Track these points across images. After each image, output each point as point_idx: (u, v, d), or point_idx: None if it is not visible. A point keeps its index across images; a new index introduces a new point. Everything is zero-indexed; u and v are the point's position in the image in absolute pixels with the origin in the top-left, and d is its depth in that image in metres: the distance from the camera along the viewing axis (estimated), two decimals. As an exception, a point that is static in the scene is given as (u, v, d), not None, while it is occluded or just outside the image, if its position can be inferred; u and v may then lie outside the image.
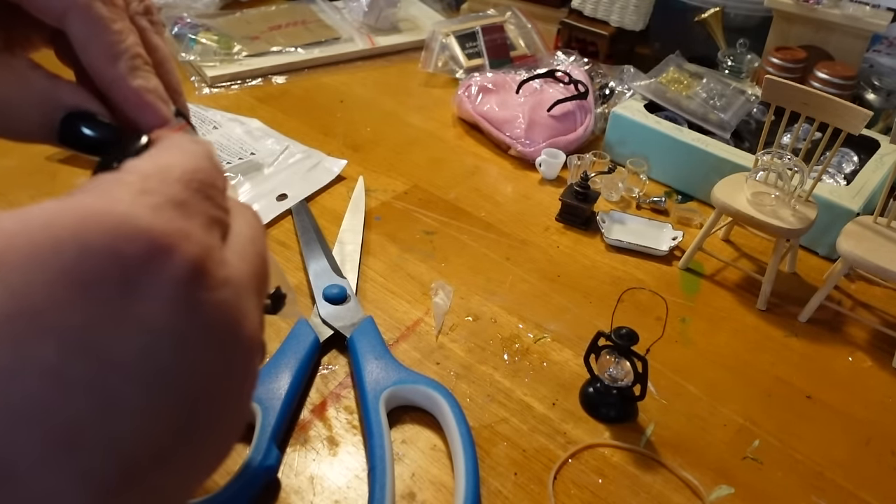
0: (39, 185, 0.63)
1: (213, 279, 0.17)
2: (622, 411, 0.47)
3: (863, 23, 0.78)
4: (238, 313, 0.18)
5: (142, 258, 0.15)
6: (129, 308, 0.15)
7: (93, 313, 0.14)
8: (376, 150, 0.74)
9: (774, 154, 0.56)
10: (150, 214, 0.16)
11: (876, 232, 0.55)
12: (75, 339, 0.14)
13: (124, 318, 0.15)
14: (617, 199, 0.70)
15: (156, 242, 0.15)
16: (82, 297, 0.14)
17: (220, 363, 0.17)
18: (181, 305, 0.16)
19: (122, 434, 0.14)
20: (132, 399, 0.15)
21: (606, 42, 0.91)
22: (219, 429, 0.17)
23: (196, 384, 0.16)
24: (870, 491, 0.44)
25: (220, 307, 0.17)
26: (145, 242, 0.15)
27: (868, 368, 0.53)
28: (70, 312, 0.14)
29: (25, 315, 0.13)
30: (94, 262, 0.14)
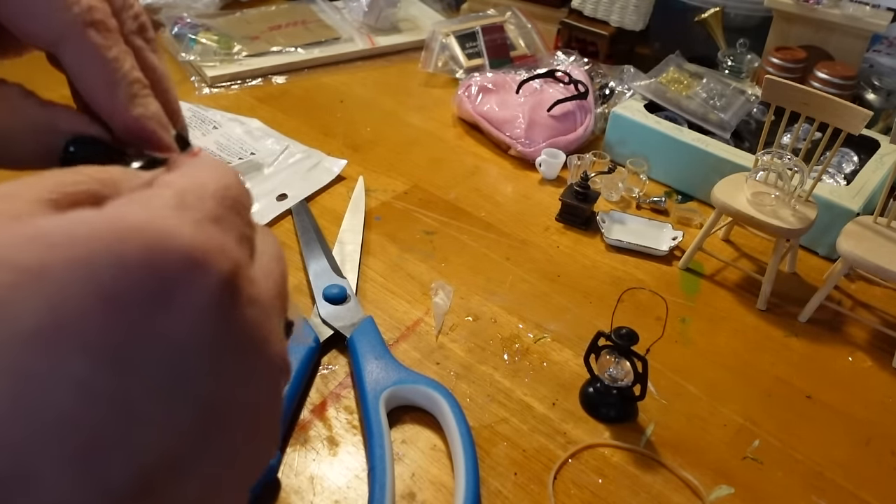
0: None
1: (243, 295, 0.17)
2: (622, 411, 0.47)
3: (863, 23, 0.78)
4: (265, 331, 0.18)
5: (178, 272, 0.15)
6: (161, 323, 0.15)
7: (125, 329, 0.14)
8: (376, 150, 0.75)
9: (774, 154, 0.56)
10: (190, 229, 0.16)
11: (876, 232, 0.55)
12: (106, 354, 0.14)
13: (155, 332, 0.15)
14: (617, 199, 0.70)
15: (193, 256, 0.16)
16: (117, 313, 0.14)
17: (246, 381, 0.17)
18: (212, 320, 0.16)
19: (143, 447, 0.14)
20: (155, 413, 0.15)
21: (606, 42, 0.91)
22: (245, 448, 0.18)
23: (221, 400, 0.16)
24: (870, 491, 0.44)
25: (249, 324, 0.17)
26: (183, 256, 0.15)
27: (868, 368, 0.53)
28: (103, 328, 0.14)
29: (61, 329, 0.14)
30: (130, 278, 0.14)
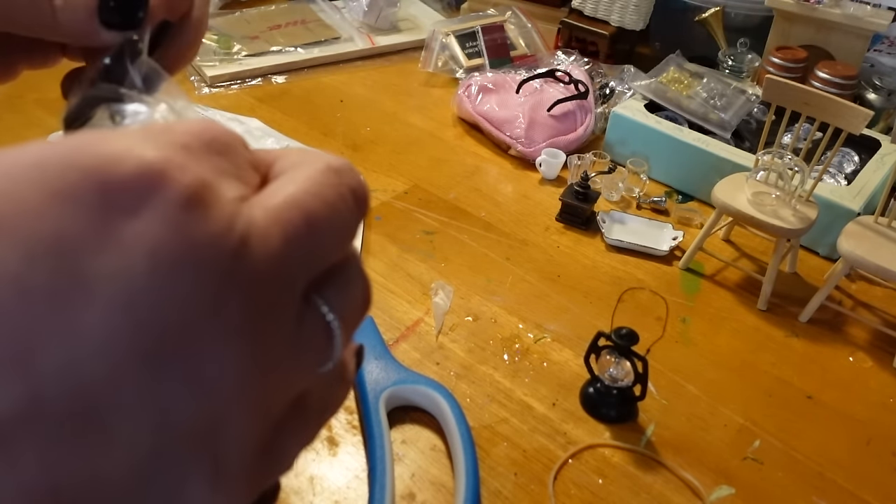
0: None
1: (213, 214, 0.15)
2: (622, 411, 0.47)
3: (863, 22, 0.78)
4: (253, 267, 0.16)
5: (130, 179, 0.14)
6: (109, 226, 0.14)
7: (67, 225, 0.14)
8: (376, 150, 0.74)
9: (775, 154, 0.56)
10: (149, 146, 0.15)
11: (877, 232, 0.55)
12: (44, 248, 0.13)
13: (102, 235, 0.14)
14: (617, 199, 0.70)
15: (148, 167, 0.15)
16: (59, 207, 0.14)
17: (201, 305, 0.15)
18: (169, 231, 0.14)
19: (77, 356, 0.14)
20: (94, 319, 0.14)
21: (607, 42, 0.91)
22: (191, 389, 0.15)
23: (168, 321, 0.14)
24: (870, 491, 0.44)
25: (220, 248, 0.15)
26: (135, 165, 0.15)
27: (869, 369, 0.53)
28: (43, 221, 0.13)
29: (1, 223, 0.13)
30: (76, 177, 0.14)
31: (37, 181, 0.14)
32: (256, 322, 0.16)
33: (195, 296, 0.15)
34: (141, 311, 0.14)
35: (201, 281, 0.15)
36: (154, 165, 0.15)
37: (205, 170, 0.16)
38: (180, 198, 0.15)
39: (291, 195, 0.17)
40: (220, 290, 0.15)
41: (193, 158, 0.16)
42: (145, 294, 0.14)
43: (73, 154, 0.14)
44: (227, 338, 0.15)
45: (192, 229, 0.15)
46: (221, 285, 0.15)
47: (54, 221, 0.13)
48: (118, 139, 0.15)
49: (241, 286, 0.15)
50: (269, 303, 0.16)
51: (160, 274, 0.14)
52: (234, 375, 0.15)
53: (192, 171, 0.15)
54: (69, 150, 0.14)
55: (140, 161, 0.15)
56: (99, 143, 0.15)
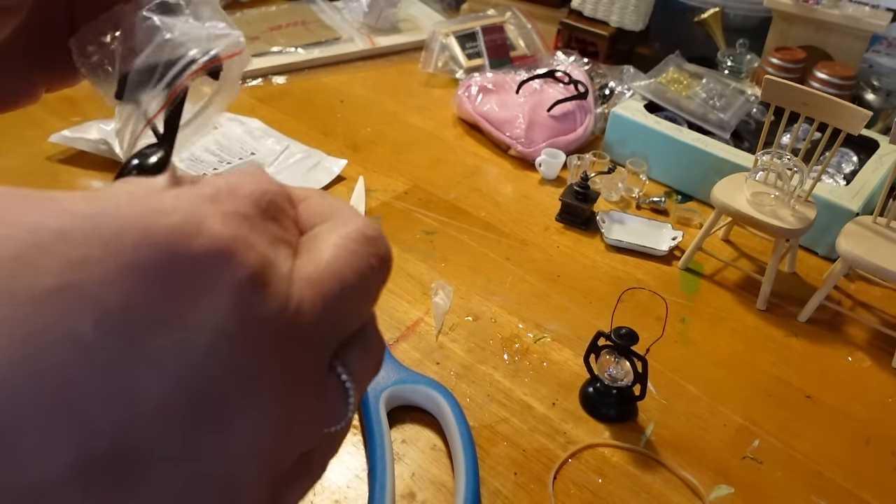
0: (39, 185, 0.63)
1: (272, 291, 0.16)
2: (622, 411, 0.47)
3: (862, 23, 0.78)
4: (310, 345, 0.17)
5: (202, 257, 0.15)
6: (176, 302, 0.15)
7: (136, 298, 0.14)
8: (376, 150, 0.75)
9: (774, 154, 0.56)
10: (218, 220, 0.16)
11: (875, 232, 0.55)
12: (113, 318, 0.14)
13: (168, 310, 0.15)
14: (617, 199, 0.70)
15: (218, 245, 0.16)
16: (130, 280, 0.14)
17: (249, 373, 0.16)
18: (233, 311, 0.15)
19: (131, 417, 0.14)
20: (151, 386, 0.14)
21: (606, 42, 0.91)
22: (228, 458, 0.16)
23: (218, 387, 0.16)
24: (869, 490, 0.44)
25: (274, 322, 0.16)
26: (208, 242, 0.15)
27: (867, 368, 0.54)
28: (115, 292, 0.14)
29: (75, 287, 0.14)
30: (151, 251, 0.15)
31: (112, 252, 0.14)
32: (290, 386, 0.17)
33: (245, 365, 0.16)
34: (196, 380, 0.15)
35: (253, 352, 0.16)
36: (222, 244, 0.16)
37: (265, 243, 0.17)
38: (245, 279, 0.16)
39: (331, 266, 0.18)
40: (267, 359, 0.16)
41: (256, 232, 0.17)
42: (202, 367, 0.15)
43: (149, 223, 0.15)
44: (263, 400, 0.16)
45: (253, 308, 0.16)
46: (268, 355, 0.16)
47: (125, 294, 0.14)
48: (190, 206, 0.16)
49: (283, 354, 0.16)
50: (303, 369, 0.17)
51: (218, 348, 0.15)
52: (262, 434, 0.16)
53: (256, 250, 0.16)
54: (145, 216, 0.15)
55: (210, 239, 0.15)
56: (171, 212, 0.15)
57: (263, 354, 0.16)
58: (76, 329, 0.14)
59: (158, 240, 0.15)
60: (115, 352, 0.14)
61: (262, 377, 0.16)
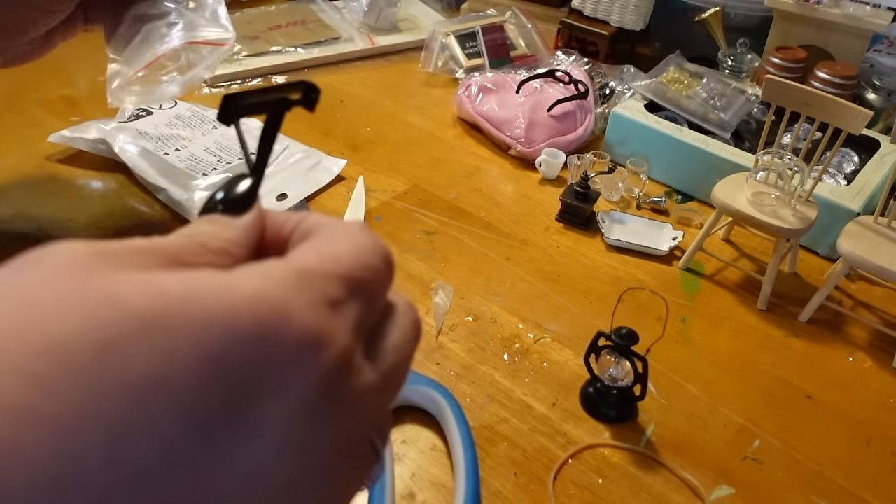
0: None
1: (349, 386, 0.17)
2: (622, 411, 0.47)
3: (863, 22, 0.78)
4: (365, 423, 0.18)
5: (288, 354, 0.15)
6: (259, 402, 0.15)
7: (223, 401, 0.14)
8: (376, 150, 0.74)
9: (775, 154, 0.56)
10: (305, 310, 0.16)
11: (876, 232, 0.55)
12: (199, 422, 0.14)
13: (250, 411, 0.15)
14: (617, 199, 0.70)
15: (305, 340, 0.15)
16: (220, 382, 0.14)
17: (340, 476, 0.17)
18: (312, 408, 0.16)
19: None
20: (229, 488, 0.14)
21: (606, 42, 0.91)
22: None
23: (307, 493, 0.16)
24: (870, 491, 0.44)
25: (349, 416, 0.17)
26: (295, 338, 0.15)
27: (868, 368, 0.53)
28: (203, 394, 0.14)
29: (163, 386, 0.14)
30: (239, 352, 0.14)
31: (203, 347, 0.14)
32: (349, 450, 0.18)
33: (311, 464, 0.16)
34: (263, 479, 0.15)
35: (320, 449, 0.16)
36: (310, 339, 0.16)
37: (347, 330, 0.17)
38: (324, 379, 0.16)
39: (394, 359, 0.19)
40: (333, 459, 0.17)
41: (341, 317, 0.17)
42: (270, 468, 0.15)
43: (237, 317, 0.15)
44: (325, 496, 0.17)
45: (328, 406, 0.16)
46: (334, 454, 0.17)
47: (214, 396, 0.14)
48: (278, 294, 0.16)
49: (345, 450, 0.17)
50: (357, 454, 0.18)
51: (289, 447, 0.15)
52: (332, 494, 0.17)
53: (340, 343, 0.16)
54: (233, 308, 0.15)
55: (299, 335, 0.15)
56: (261, 298, 0.15)
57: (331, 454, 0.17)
58: (160, 426, 0.13)
59: (246, 336, 0.15)
60: (194, 450, 0.14)
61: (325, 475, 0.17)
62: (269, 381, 0.15)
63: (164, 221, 0.61)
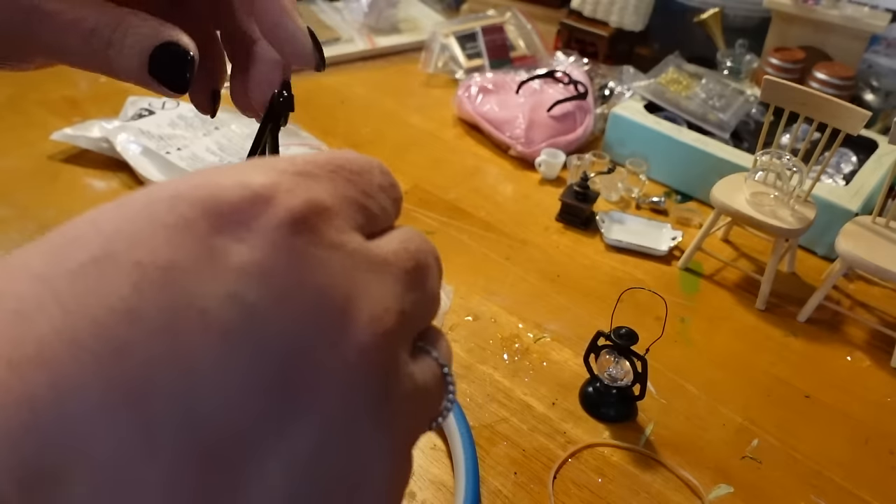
0: (41, 185, 0.63)
1: (322, 236, 0.15)
2: (622, 411, 0.47)
3: (861, 23, 0.78)
4: (351, 289, 0.15)
5: (234, 205, 0.14)
6: (215, 252, 0.14)
7: (174, 254, 0.13)
8: (376, 150, 0.75)
9: (773, 154, 0.56)
10: (258, 175, 0.15)
11: (874, 232, 0.55)
12: (154, 278, 0.13)
13: (209, 261, 0.14)
14: (616, 199, 0.70)
15: (252, 192, 0.15)
16: (167, 237, 0.14)
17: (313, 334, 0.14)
18: (273, 254, 0.14)
19: (193, 387, 0.13)
20: (207, 348, 0.13)
21: (606, 42, 0.91)
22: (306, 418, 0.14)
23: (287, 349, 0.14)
24: (868, 490, 0.44)
25: (325, 267, 0.14)
26: (240, 192, 0.14)
27: (867, 368, 0.54)
28: (152, 252, 0.13)
29: (111, 256, 0.13)
30: (183, 208, 0.14)
31: (147, 216, 0.14)
32: (379, 355, 0.15)
33: (314, 325, 0.14)
34: (255, 338, 0.13)
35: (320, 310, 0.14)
36: (259, 190, 0.15)
37: (321, 194, 0.16)
38: (285, 221, 0.14)
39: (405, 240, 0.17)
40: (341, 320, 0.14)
41: (310, 183, 0.16)
42: (259, 321, 0.13)
43: (182, 188, 0.14)
44: (348, 373, 0.14)
45: (300, 252, 0.14)
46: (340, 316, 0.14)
47: (163, 251, 0.13)
48: (230, 171, 0.15)
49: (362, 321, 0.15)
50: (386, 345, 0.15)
51: (271, 300, 0.14)
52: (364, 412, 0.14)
53: (300, 194, 0.15)
54: (179, 186, 0.14)
55: (245, 188, 0.15)
56: (209, 176, 0.15)
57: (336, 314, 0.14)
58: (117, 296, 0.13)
59: (194, 196, 0.14)
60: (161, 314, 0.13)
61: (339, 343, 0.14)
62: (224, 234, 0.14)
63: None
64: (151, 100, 0.73)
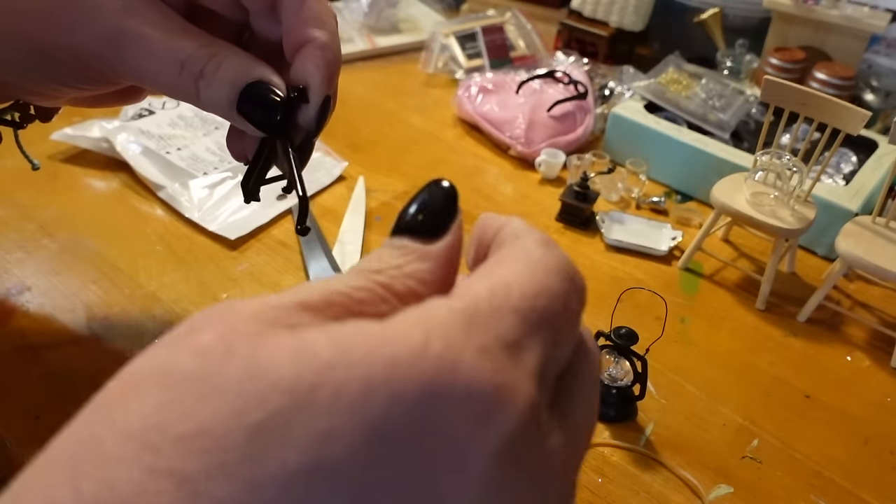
0: (41, 186, 0.63)
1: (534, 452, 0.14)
2: (622, 411, 0.47)
3: (861, 23, 0.78)
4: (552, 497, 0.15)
5: (459, 417, 0.13)
6: (432, 474, 0.13)
7: (392, 476, 0.12)
8: (376, 150, 0.75)
9: (773, 154, 0.56)
10: (476, 361, 0.13)
11: (874, 232, 0.55)
12: (365, 499, 0.12)
13: (425, 485, 0.13)
14: (616, 200, 0.70)
15: (478, 399, 0.13)
16: (384, 455, 0.12)
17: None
18: (492, 482, 0.13)
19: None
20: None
21: (606, 43, 0.91)
22: None
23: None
24: (868, 490, 0.44)
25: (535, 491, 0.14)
26: (465, 397, 0.13)
27: (867, 368, 0.54)
28: (367, 470, 0.12)
29: (323, 467, 0.12)
30: (402, 419, 0.13)
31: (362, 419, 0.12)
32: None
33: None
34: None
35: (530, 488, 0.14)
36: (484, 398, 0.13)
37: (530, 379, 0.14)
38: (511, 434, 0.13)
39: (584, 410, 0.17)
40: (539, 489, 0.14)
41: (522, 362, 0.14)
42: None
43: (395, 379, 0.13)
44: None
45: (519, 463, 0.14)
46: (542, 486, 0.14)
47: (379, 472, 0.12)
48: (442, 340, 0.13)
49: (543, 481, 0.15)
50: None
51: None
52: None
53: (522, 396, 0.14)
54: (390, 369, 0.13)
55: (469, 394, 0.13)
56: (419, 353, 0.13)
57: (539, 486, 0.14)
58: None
59: (409, 402, 0.12)
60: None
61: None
62: (441, 451, 0.13)
63: (164, 220, 0.61)
64: (151, 100, 0.73)
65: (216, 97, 0.29)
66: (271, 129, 0.30)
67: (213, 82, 0.28)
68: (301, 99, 0.31)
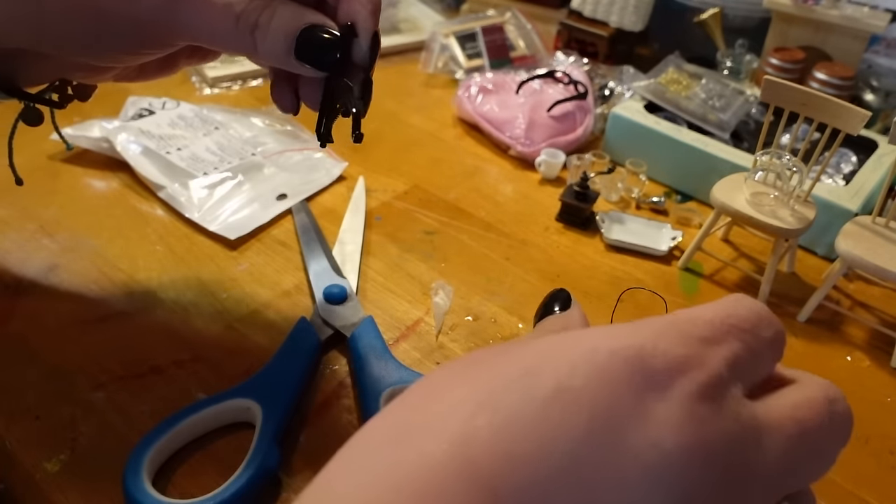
0: (41, 185, 0.63)
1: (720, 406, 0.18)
2: (622, 410, 0.47)
3: (861, 23, 0.78)
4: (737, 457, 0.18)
5: (660, 371, 0.17)
6: (643, 404, 0.17)
7: (615, 402, 0.17)
8: (376, 150, 0.75)
9: (773, 154, 0.56)
10: (674, 342, 0.18)
11: (874, 232, 0.55)
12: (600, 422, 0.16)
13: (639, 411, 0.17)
14: (616, 200, 0.70)
15: (674, 362, 0.18)
16: (608, 388, 0.17)
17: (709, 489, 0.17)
18: (684, 416, 0.17)
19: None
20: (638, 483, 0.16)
21: (606, 43, 0.91)
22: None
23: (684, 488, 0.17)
24: (868, 490, 0.44)
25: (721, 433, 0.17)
26: (663, 359, 0.18)
27: (866, 368, 0.54)
28: (599, 398, 0.17)
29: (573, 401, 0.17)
30: (619, 365, 0.17)
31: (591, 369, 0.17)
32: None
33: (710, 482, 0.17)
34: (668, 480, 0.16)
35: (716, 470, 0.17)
36: (677, 361, 0.18)
37: (721, 367, 0.19)
38: (694, 393, 0.17)
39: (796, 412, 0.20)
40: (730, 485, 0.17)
41: (712, 353, 0.19)
42: (670, 466, 0.16)
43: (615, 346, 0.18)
44: None
45: (704, 419, 0.17)
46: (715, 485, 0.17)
47: (607, 399, 0.17)
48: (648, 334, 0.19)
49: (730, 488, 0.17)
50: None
51: (681, 455, 0.16)
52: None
53: (706, 370, 0.18)
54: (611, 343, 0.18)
55: (667, 356, 0.18)
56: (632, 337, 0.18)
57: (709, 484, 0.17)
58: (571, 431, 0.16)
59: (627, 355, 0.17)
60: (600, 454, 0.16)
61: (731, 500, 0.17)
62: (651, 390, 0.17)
63: (164, 220, 0.61)
64: (151, 100, 0.73)
65: (273, 46, 0.30)
66: (332, 68, 0.31)
67: (268, 32, 0.30)
68: (351, 34, 0.32)
